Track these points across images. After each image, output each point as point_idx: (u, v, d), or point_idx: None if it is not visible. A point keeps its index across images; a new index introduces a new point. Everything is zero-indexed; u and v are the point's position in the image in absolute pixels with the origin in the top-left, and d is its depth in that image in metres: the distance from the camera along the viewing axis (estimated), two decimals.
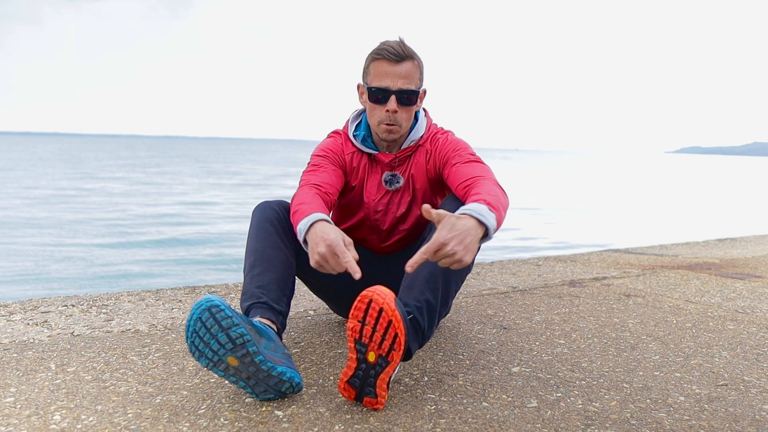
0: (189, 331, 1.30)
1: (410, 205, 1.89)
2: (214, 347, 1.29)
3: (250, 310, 1.54)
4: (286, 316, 1.59)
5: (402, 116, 1.75)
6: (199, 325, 1.29)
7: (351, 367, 1.38)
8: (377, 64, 1.73)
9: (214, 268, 7.51)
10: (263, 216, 1.70)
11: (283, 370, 1.38)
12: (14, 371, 1.61)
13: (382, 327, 1.32)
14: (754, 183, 36.98)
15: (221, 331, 1.28)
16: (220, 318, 1.28)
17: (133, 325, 2.07)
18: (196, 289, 2.68)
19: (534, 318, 2.26)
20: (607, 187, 27.31)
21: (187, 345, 1.34)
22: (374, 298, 1.33)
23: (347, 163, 1.87)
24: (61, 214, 12.14)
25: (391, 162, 1.85)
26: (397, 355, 1.33)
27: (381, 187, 1.88)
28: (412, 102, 1.74)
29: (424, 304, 1.50)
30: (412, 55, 1.73)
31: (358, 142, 1.86)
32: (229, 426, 1.30)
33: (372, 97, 1.75)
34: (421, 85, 1.79)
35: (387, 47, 1.71)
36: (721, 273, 3.35)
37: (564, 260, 3.76)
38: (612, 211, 16.09)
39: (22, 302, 2.36)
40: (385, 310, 1.31)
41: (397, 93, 1.71)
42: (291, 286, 1.66)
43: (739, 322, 2.28)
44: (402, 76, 1.71)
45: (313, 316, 2.23)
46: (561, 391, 1.55)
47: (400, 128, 1.77)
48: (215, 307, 1.28)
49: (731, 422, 1.39)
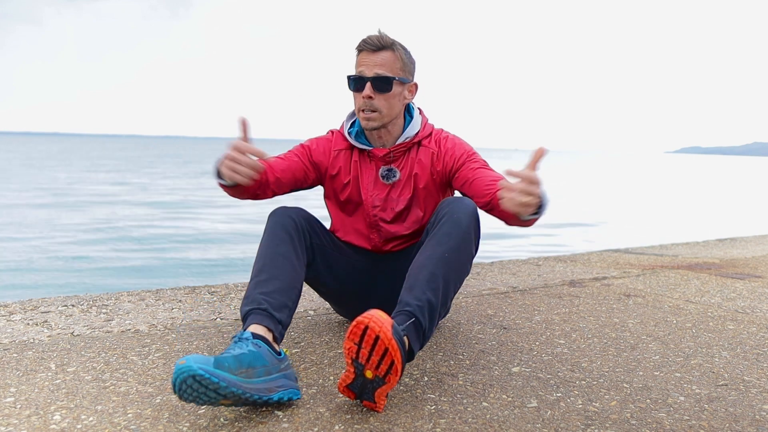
0: (176, 389, 1.25)
1: (410, 203, 1.89)
2: (205, 399, 1.26)
3: (248, 316, 1.52)
4: (285, 326, 1.55)
5: (380, 103, 1.78)
6: (184, 387, 1.24)
7: (349, 376, 1.37)
8: (359, 57, 1.80)
9: (214, 269, 7.51)
10: (278, 222, 1.70)
11: (280, 396, 1.36)
12: (14, 371, 1.61)
13: (378, 353, 1.31)
14: (754, 183, 36.98)
15: (210, 390, 1.25)
16: (206, 384, 1.24)
17: (133, 325, 2.07)
18: (196, 289, 2.67)
19: (534, 318, 2.26)
20: (607, 187, 27.31)
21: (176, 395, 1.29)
22: (370, 325, 1.30)
23: (330, 159, 1.91)
24: (58, 213, 12.15)
25: (386, 156, 1.87)
26: (393, 379, 1.33)
27: (378, 181, 1.89)
28: (387, 88, 1.77)
29: (426, 304, 1.50)
30: (391, 46, 1.78)
31: (352, 138, 1.89)
32: (229, 426, 1.30)
33: (351, 86, 1.82)
34: (405, 76, 1.82)
35: (366, 39, 1.78)
36: (721, 273, 3.35)
37: (564, 260, 3.76)
38: (612, 211, 16.08)
39: (22, 302, 2.36)
40: (382, 338, 1.30)
41: (371, 79, 1.76)
42: (296, 297, 1.62)
43: (739, 322, 2.28)
44: (378, 63, 1.77)
45: (313, 316, 2.23)
46: (561, 391, 1.55)
47: (380, 115, 1.79)
48: (198, 376, 1.22)
49: (731, 422, 1.39)
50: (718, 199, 22.14)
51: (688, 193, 24.66)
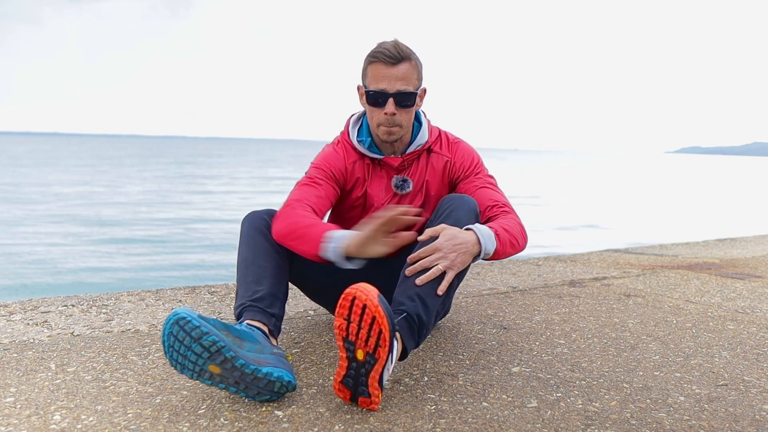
0: (165, 346, 1.31)
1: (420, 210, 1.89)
2: (192, 358, 1.29)
3: (242, 315, 1.54)
4: (280, 319, 1.58)
5: (401, 118, 1.75)
6: (172, 340, 1.29)
7: (343, 366, 1.38)
8: (374, 67, 1.72)
9: (214, 268, 7.51)
10: (252, 226, 1.71)
11: (269, 371, 1.36)
12: (14, 371, 1.61)
13: (366, 324, 1.33)
14: (754, 183, 36.98)
15: (194, 341, 1.28)
16: (189, 329, 1.27)
17: (133, 325, 2.07)
18: (196, 289, 2.68)
19: (534, 318, 2.26)
20: (607, 187, 27.31)
21: (168, 360, 1.34)
22: (357, 295, 1.33)
23: (348, 175, 1.85)
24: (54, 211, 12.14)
25: (400, 166, 1.85)
26: (383, 352, 1.33)
27: (389, 190, 1.87)
28: (411, 104, 1.74)
29: (419, 302, 1.51)
30: (409, 56, 1.72)
31: (363, 147, 1.84)
32: (229, 426, 1.30)
33: (370, 100, 1.75)
34: (419, 85, 1.78)
35: (383, 49, 1.70)
36: (721, 273, 3.35)
37: (564, 260, 3.76)
38: (612, 211, 16.08)
39: (22, 302, 2.36)
40: (369, 306, 1.32)
41: (394, 95, 1.71)
42: (284, 290, 1.65)
43: (739, 322, 2.28)
44: (399, 77, 1.70)
45: (313, 316, 2.23)
46: (561, 391, 1.55)
47: (400, 129, 1.77)
48: (182, 319, 1.28)
49: (731, 422, 1.39)
50: (718, 199, 22.14)
51: (688, 193, 24.66)
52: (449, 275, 1.55)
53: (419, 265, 1.55)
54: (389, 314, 1.34)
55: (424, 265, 1.54)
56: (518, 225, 1.75)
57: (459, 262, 1.55)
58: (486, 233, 1.61)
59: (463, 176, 1.88)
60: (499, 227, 1.66)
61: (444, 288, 1.54)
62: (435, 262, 1.54)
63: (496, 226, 1.66)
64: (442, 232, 1.57)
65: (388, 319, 1.33)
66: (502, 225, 1.69)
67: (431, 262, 1.54)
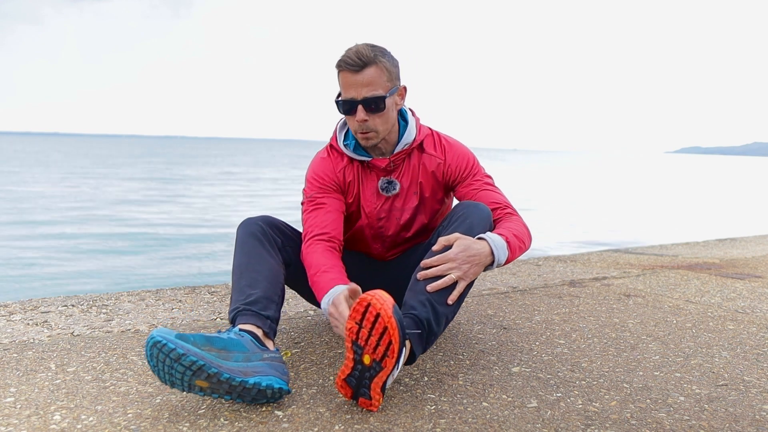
0: (151, 365, 1.31)
1: (416, 212, 1.88)
2: (178, 376, 1.29)
3: (236, 319, 1.54)
4: (275, 320, 1.57)
5: (374, 122, 1.72)
6: (155, 361, 1.29)
7: (348, 366, 1.38)
8: (342, 76, 1.70)
9: (215, 268, 7.51)
10: (247, 231, 1.71)
11: (257, 381, 1.35)
12: (14, 371, 1.61)
13: (377, 332, 1.32)
14: (754, 183, 36.98)
15: (174, 362, 1.28)
16: (166, 352, 1.27)
17: (133, 325, 2.07)
18: (196, 289, 2.68)
19: (534, 318, 2.26)
20: (607, 187, 27.31)
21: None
22: (372, 302, 1.32)
23: (343, 182, 1.85)
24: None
25: (387, 167, 1.83)
26: (389, 362, 1.33)
27: (379, 193, 1.86)
28: (380, 108, 1.70)
29: (430, 308, 1.51)
30: (374, 60, 1.67)
31: (350, 151, 1.83)
32: (229, 426, 1.30)
33: (341, 110, 1.74)
34: (392, 86, 1.73)
35: (346, 57, 1.67)
36: (721, 273, 3.35)
37: (564, 260, 3.76)
38: (612, 211, 16.08)
39: (22, 302, 2.36)
40: (382, 315, 1.31)
41: (362, 102, 1.68)
42: (280, 293, 1.65)
43: (739, 322, 2.28)
44: (364, 84, 1.67)
45: (313, 316, 2.23)
46: (561, 391, 1.55)
47: (377, 134, 1.75)
48: (158, 343, 1.27)
49: (731, 422, 1.39)
50: (718, 199, 22.13)
51: (688, 193, 24.65)
52: (461, 285, 1.55)
53: (431, 272, 1.55)
54: (401, 326, 1.34)
55: (436, 272, 1.54)
56: (524, 227, 1.76)
57: (471, 273, 1.56)
58: (499, 244, 1.61)
59: (459, 179, 1.86)
60: (509, 234, 1.66)
61: (455, 297, 1.55)
62: (447, 271, 1.54)
63: (507, 234, 1.66)
64: (456, 242, 1.56)
65: (399, 331, 1.33)
66: (512, 231, 1.69)
67: (443, 271, 1.54)
